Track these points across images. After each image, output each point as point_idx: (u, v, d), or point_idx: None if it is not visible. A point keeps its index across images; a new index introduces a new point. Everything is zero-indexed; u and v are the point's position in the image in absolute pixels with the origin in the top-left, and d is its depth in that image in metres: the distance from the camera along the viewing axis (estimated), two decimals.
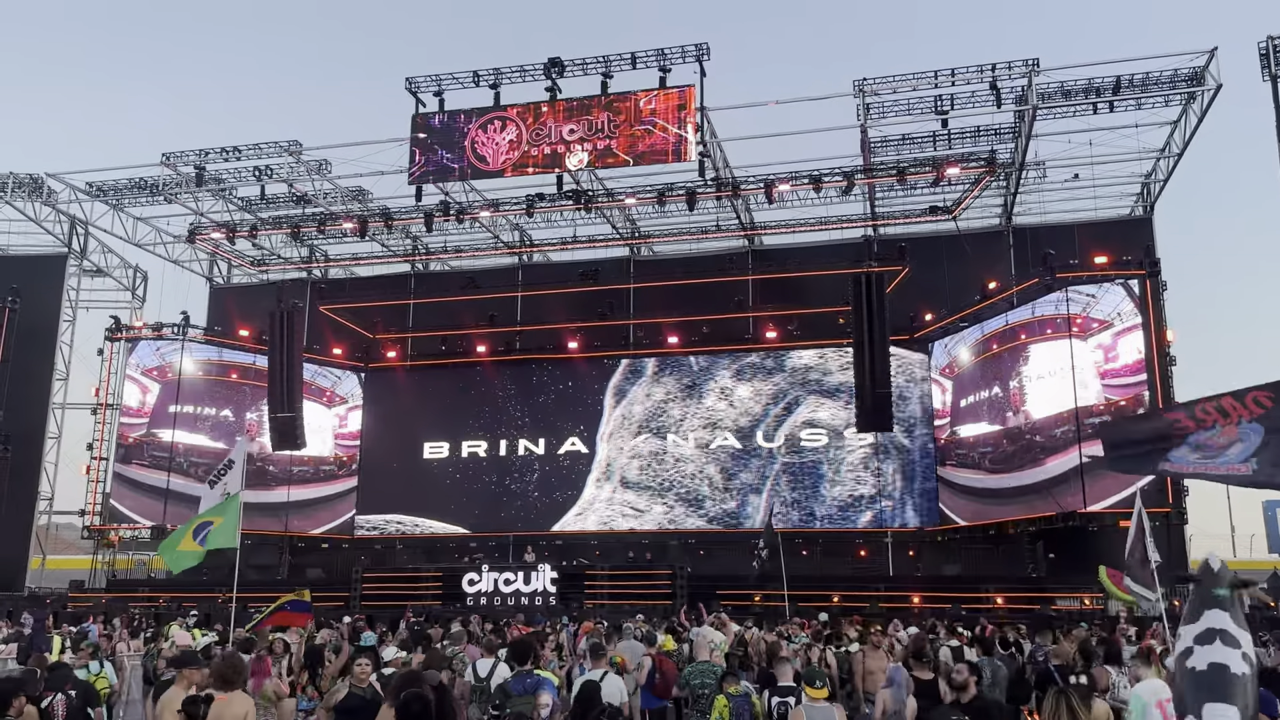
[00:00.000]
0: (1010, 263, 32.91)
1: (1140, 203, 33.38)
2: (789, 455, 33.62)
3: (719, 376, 34.90)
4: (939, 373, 32.75)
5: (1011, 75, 27.60)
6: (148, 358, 34.92)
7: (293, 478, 35.39)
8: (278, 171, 33.13)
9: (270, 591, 26.31)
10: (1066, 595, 24.48)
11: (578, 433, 35.58)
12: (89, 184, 34.90)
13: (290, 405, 31.25)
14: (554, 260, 38.38)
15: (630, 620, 16.60)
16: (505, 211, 33.23)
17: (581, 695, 7.34)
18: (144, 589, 31.68)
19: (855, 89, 28.32)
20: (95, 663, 11.60)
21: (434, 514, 36.06)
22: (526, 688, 7.79)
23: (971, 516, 30.59)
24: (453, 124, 30.79)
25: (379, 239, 36.55)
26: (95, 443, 34.80)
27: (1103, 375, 27.52)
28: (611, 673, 9.24)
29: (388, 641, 13.73)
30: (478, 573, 27.32)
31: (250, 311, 36.91)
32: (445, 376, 37.23)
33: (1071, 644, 12.50)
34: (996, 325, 30.33)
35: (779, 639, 13.78)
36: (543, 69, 29.59)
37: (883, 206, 33.51)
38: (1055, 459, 27.75)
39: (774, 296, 34.43)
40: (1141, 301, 27.24)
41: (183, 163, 33.04)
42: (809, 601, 22.69)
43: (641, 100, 29.45)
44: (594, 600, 25.92)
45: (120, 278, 41.07)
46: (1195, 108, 28.26)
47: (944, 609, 23.69)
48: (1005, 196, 33.22)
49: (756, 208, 33.44)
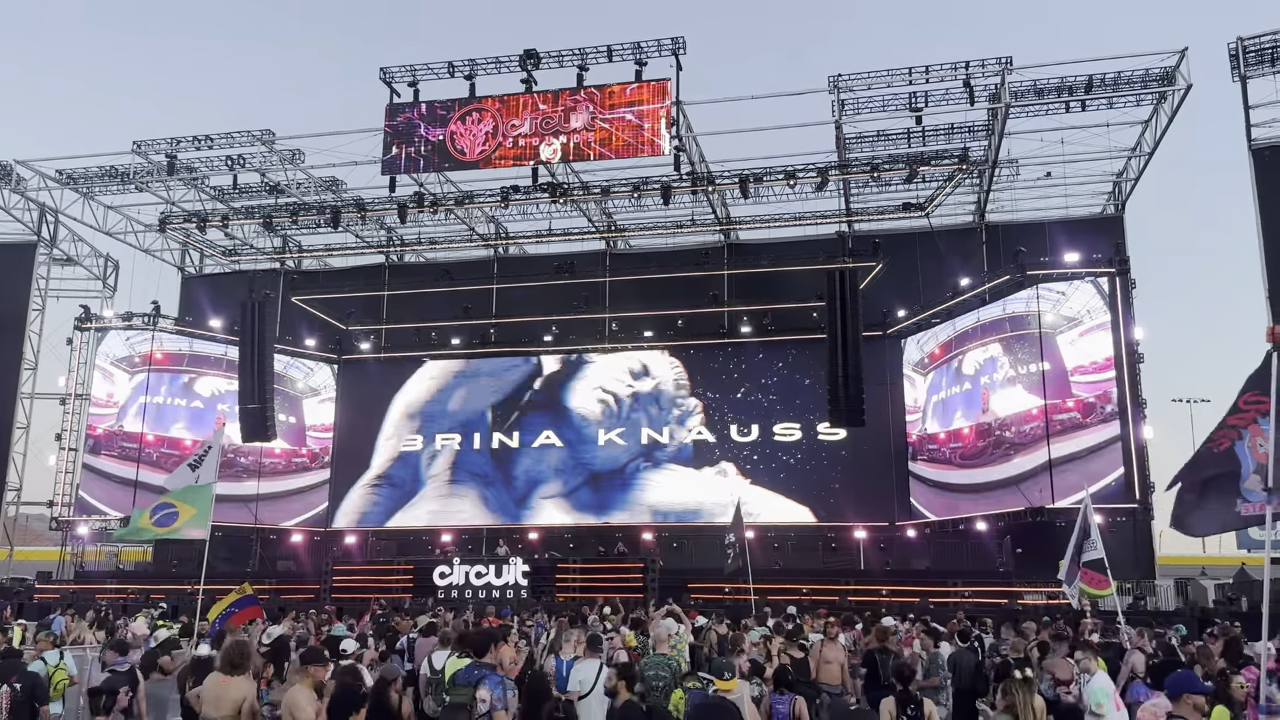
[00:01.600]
0: (983, 260, 33.14)
1: (1111, 201, 33.68)
2: (762, 449, 33.73)
3: (694, 371, 34.96)
4: (911, 368, 32.96)
5: (985, 73, 27.76)
6: (118, 348, 34.60)
7: (263, 470, 35.19)
8: (250, 161, 32.88)
9: (238, 583, 26.21)
10: (1033, 590, 24.73)
11: (553, 426, 35.57)
12: (59, 171, 34.51)
13: (261, 396, 31.11)
14: (529, 253, 38.30)
15: (595, 612, 16.61)
16: (480, 203, 33.12)
17: (532, 687, 7.33)
18: (112, 581, 31.42)
19: (830, 85, 28.40)
20: (54, 653, 11.46)
21: (406, 506, 35.95)
22: (470, 678, 7.73)
23: (941, 511, 30.85)
24: (427, 114, 30.62)
25: (352, 230, 36.33)
26: (64, 433, 34.47)
27: (1072, 372, 27.80)
28: (584, 660, 9.14)
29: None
30: (449, 565, 27.27)
31: (222, 302, 36.68)
32: (419, 368, 37.12)
33: (1024, 638, 12.67)
34: (968, 322, 30.56)
35: (738, 631, 13.86)
36: (518, 61, 29.47)
37: (857, 202, 33.64)
38: (1024, 455, 28.03)
39: (749, 291, 34.53)
40: (1111, 299, 27.52)
41: (154, 151, 32.71)
42: (779, 595, 22.79)
43: (617, 93, 29.41)
44: (565, 594, 25.93)
45: (91, 266, 40.66)
46: (1166, 107, 28.53)
47: (912, 603, 23.86)
48: (978, 194, 33.43)
49: (732, 202, 33.49)
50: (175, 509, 13.59)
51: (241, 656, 7.60)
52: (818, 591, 25.38)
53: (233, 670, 7.53)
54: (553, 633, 14.25)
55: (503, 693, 7.42)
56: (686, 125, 30.05)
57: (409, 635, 14.73)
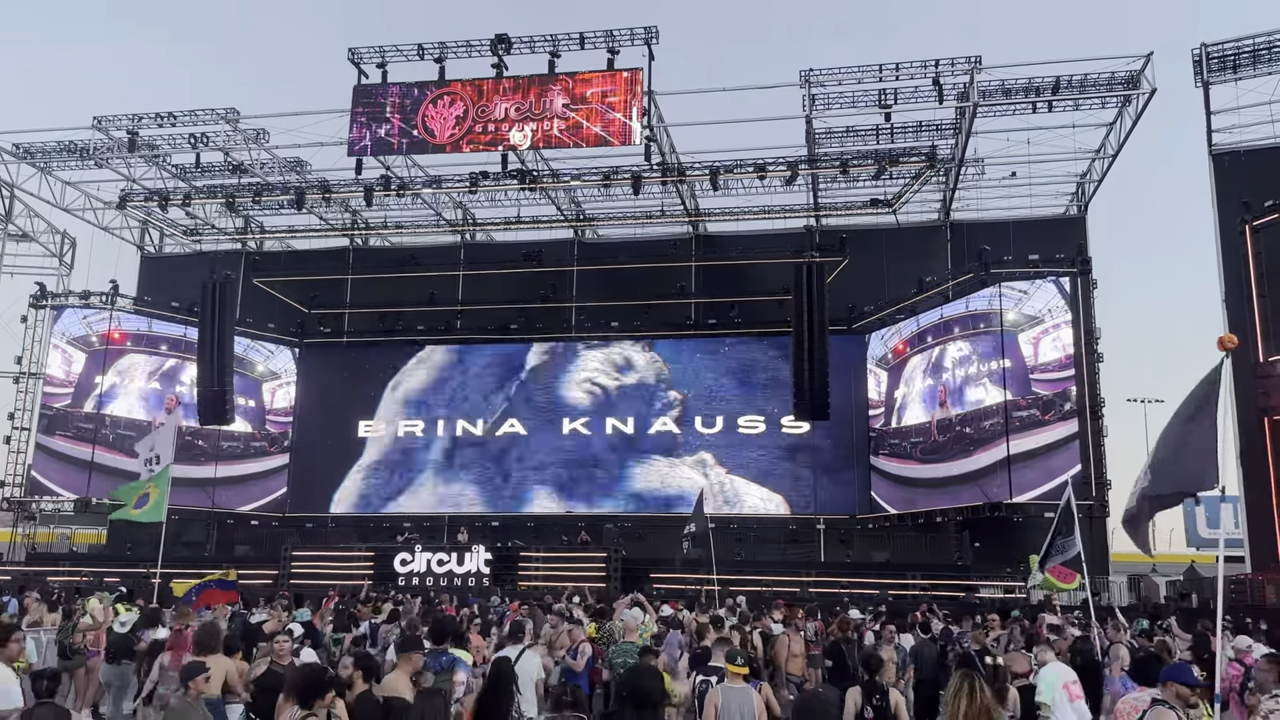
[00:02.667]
0: (947, 257, 33.49)
1: (1075, 202, 34.13)
2: (725, 441, 33.86)
3: (658, 360, 34.99)
4: (875, 363, 33.23)
5: (954, 71, 28.01)
6: (74, 326, 33.96)
7: (221, 453, 34.73)
8: (214, 139, 32.38)
9: (196, 567, 25.92)
10: (990, 584, 25.06)
11: (515, 414, 35.45)
12: (16, 145, 33.71)
13: (220, 379, 30.71)
14: (497, 240, 38.07)
15: (562, 600, 16.60)
16: (449, 188, 32.87)
17: (495, 672, 7.36)
18: (65, 563, 30.88)
19: (801, 80, 28.50)
20: None
21: (367, 493, 35.69)
22: (442, 665, 7.82)
23: (901, 505, 31.17)
24: (396, 96, 30.32)
25: (316, 212, 35.87)
26: (17, 412, 33.77)
27: (1032, 370, 28.17)
28: (530, 651, 9.28)
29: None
30: (410, 552, 27.13)
31: (182, 282, 36.04)
32: (383, 354, 36.83)
33: (987, 630, 12.83)
34: (932, 318, 30.86)
35: (714, 620, 13.91)
36: (489, 45, 29.27)
37: (825, 197, 33.79)
38: (984, 451, 28.38)
39: (716, 283, 34.62)
40: (1072, 298, 27.91)
41: (115, 127, 32.11)
42: (740, 586, 22.90)
43: (589, 81, 29.30)
44: (527, 583, 25.90)
45: (47, 243, 39.74)
46: (1130, 111, 28.95)
47: (871, 595, 24.11)
48: (944, 192, 33.74)
49: (701, 194, 33.53)
50: (148, 494, 13.58)
51: (211, 637, 7.99)
52: (779, 583, 25.52)
53: (204, 651, 7.80)
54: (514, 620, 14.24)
55: (471, 675, 7.53)
56: (658, 115, 30.03)
57: (371, 621, 14.68)
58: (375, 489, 35.70)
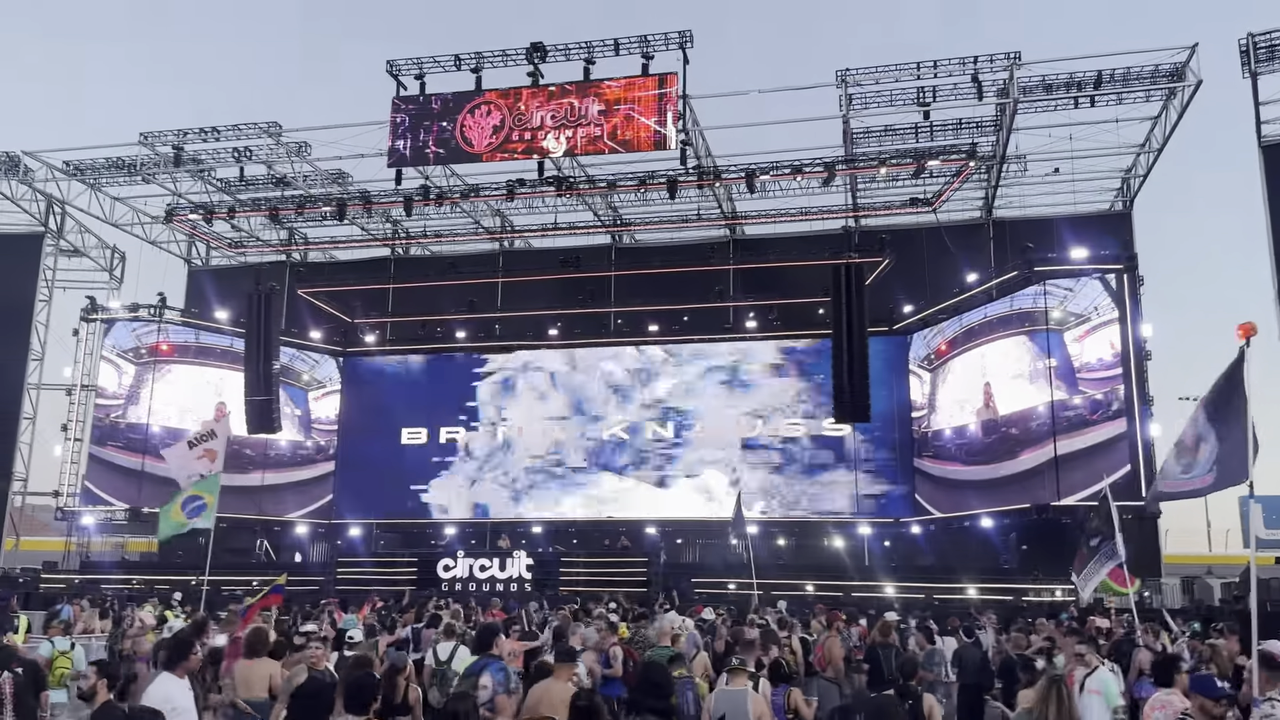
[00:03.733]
0: (990, 256, 33.04)
1: (1120, 197, 33.53)
2: (766, 445, 33.67)
3: (698, 365, 34.90)
4: (917, 365, 32.87)
5: (993, 68, 27.66)
6: (124, 339, 34.64)
7: (268, 462, 35.21)
8: (257, 153, 32.89)
9: (244, 574, 26.33)
10: (1038, 587, 24.66)
11: (557, 420, 35.52)
12: (66, 163, 34.52)
13: (267, 388, 31.14)
14: (535, 246, 38.26)
15: (600, 605, 16.61)
16: (486, 196, 33.10)
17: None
18: (117, 571, 31.49)
19: (838, 80, 28.32)
20: (64, 640, 11.47)
21: (411, 499, 35.98)
22: (475, 669, 7.90)
23: (947, 508, 30.76)
24: (434, 107, 30.60)
25: (358, 222, 36.33)
26: (70, 424, 34.51)
27: (1079, 369, 27.68)
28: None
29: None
30: (453, 558, 27.31)
31: (228, 294, 36.71)
32: (423, 361, 37.12)
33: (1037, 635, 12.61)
34: (975, 318, 30.45)
35: (747, 625, 13.83)
36: (525, 54, 29.43)
37: (864, 198, 33.54)
38: (1030, 452, 27.93)
39: (754, 286, 34.46)
40: (1119, 296, 27.36)
41: (161, 143, 32.74)
42: (782, 591, 22.77)
43: (624, 87, 29.35)
44: (569, 588, 25.94)
45: (97, 258, 40.68)
46: (1176, 103, 28.38)
47: (917, 599, 23.83)
48: (986, 189, 33.32)
49: (738, 197, 33.42)
50: (203, 500, 13.78)
51: (260, 642, 8.28)
52: (822, 587, 25.36)
53: (253, 654, 7.90)
54: (555, 624, 14.29)
55: (504, 678, 7.54)
56: (693, 119, 29.99)
57: (413, 626, 14.79)
58: (419, 495, 35.95)
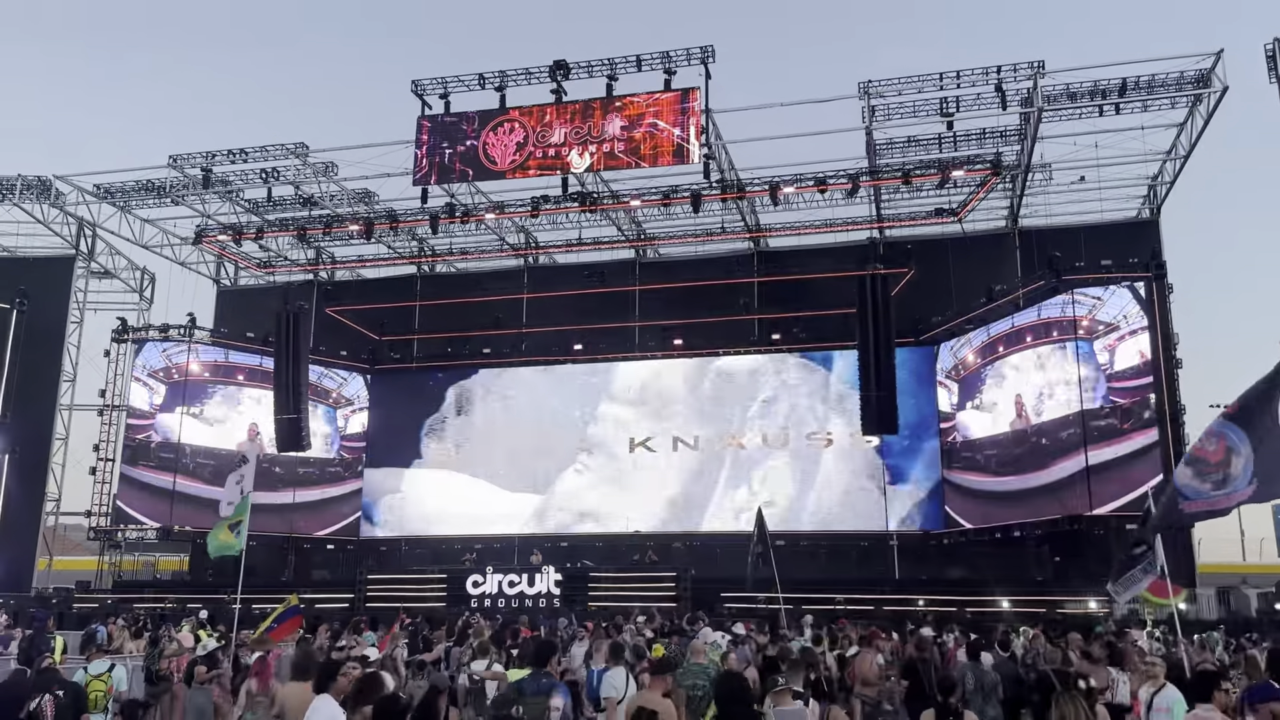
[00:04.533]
0: (1016, 265, 32.82)
1: (1146, 205, 33.26)
2: (794, 457, 33.56)
3: (725, 379, 34.86)
4: (945, 375, 32.67)
5: (1017, 77, 27.54)
6: (154, 359, 35.01)
7: (298, 479, 35.44)
8: (284, 173, 33.23)
9: (275, 592, 26.43)
10: (1073, 599, 24.37)
11: (583, 434, 35.57)
12: (96, 186, 35.04)
13: (296, 407, 31.36)
14: (559, 262, 38.39)
15: (631, 621, 16.57)
16: (511, 213, 33.27)
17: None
18: (150, 590, 31.75)
19: (860, 91, 28.28)
20: (101, 663, 11.54)
21: (439, 515, 36.09)
22: (541, 688, 7.78)
23: (978, 519, 30.50)
24: (459, 126, 30.84)
25: (385, 241, 36.62)
26: (102, 444, 34.89)
27: (1110, 378, 27.42)
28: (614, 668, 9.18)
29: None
30: (482, 575, 27.35)
31: (257, 313, 37.02)
32: (451, 378, 37.28)
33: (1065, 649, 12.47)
34: (1003, 328, 30.26)
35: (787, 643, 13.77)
36: (548, 71, 29.61)
37: (888, 209, 33.45)
38: (1061, 462, 27.66)
39: (779, 299, 34.42)
40: (1148, 304, 27.10)
41: (190, 165, 33.15)
42: (813, 605, 22.63)
43: (646, 102, 29.46)
44: (598, 603, 25.89)
45: (128, 279, 41.18)
46: (1202, 110, 28.15)
47: (949, 613, 23.60)
48: (1011, 199, 33.14)
49: (761, 210, 33.41)
50: (241, 521, 13.98)
51: (309, 661, 8.16)
52: (853, 601, 25.17)
53: (302, 676, 7.83)
54: (586, 641, 14.26)
55: (569, 700, 7.53)
56: (716, 133, 30.03)
57: (445, 645, 14.82)
58: (447, 511, 36.05)
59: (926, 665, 11.11)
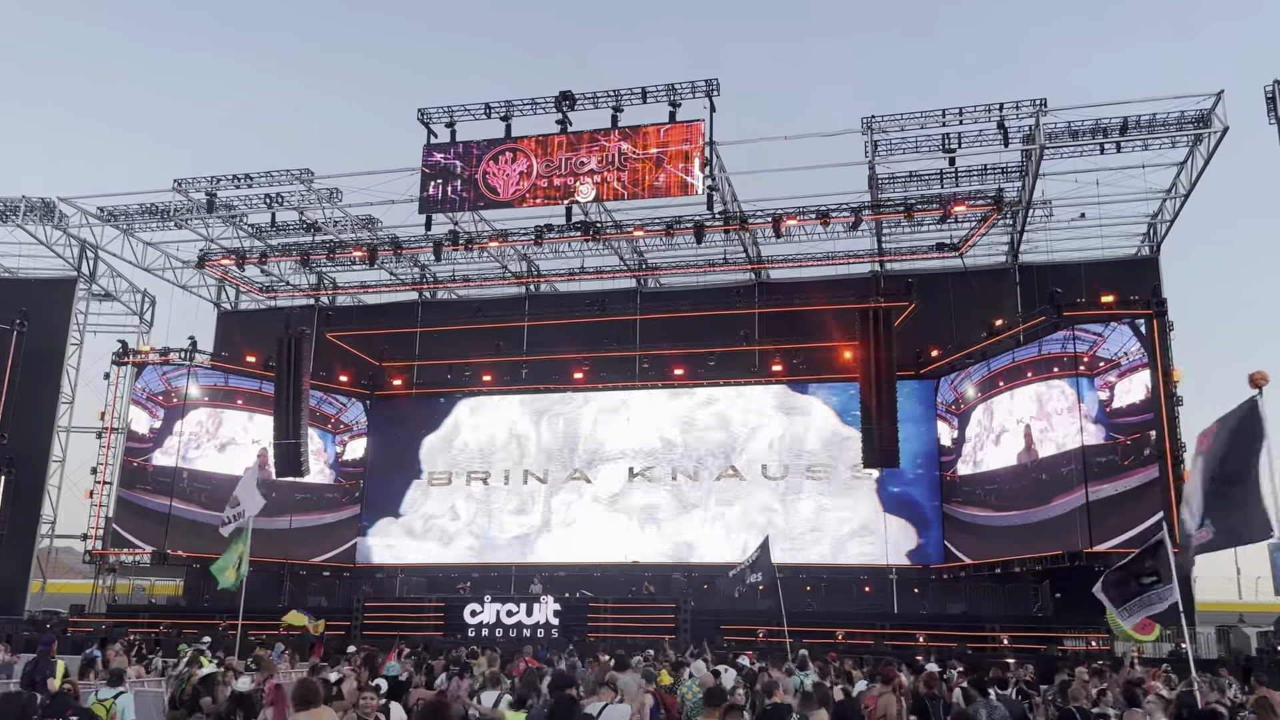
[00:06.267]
0: (1017, 300, 32.99)
1: (1146, 242, 33.47)
2: (794, 490, 33.50)
3: (724, 409, 34.86)
4: (945, 410, 32.71)
5: (1019, 115, 27.79)
6: (154, 382, 34.95)
7: (295, 505, 35.27)
8: (289, 199, 33.35)
9: (272, 619, 26.27)
10: (1073, 635, 24.29)
11: (582, 463, 35.51)
12: (100, 208, 35.10)
13: (295, 432, 31.31)
14: (561, 290, 38.49)
15: (640, 655, 16.49)
16: (514, 242, 33.38)
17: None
18: (144, 614, 31.51)
19: (864, 126, 28.52)
20: (107, 690, 11.41)
21: (437, 543, 35.93)
22: None
23: (977, 555, 30.43)
24: (464, 154, 31.00)
25: (387, 267, 36.70)
26: (99, 466, 34.73)
27: (1110, 414, 27.46)
28: (612, 704, 9.21)
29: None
30: (480, 603, 27.21)
31: (258, 337, 37.01)
32: (450, 405, 37.25)
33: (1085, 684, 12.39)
34: (1003, 362, 30.34)
35: (779, 676, 13.68)
36: (554, 102, 29.83)
37: (890, 242, 33.63)
38: (1062, 498, 27.65)
39: (780, 330, 34.50)
40: (1148, 341, 27.18)
41: (194, 189, 33.25)
42: (813, 639, 22.51)
43: (651, 134, 29.66)
44: (596, 633, 25.76)
45: (129, 302, 41.23)
46: (1202, 149, 28.41)
47: (949, 648, 23.49)
48: (1012, 234, 33.33)
49: (764, 241, 33.56)
50: (241, 551, 13.96)
51: (311, 693, 7.95)
52: (852, 635, 25.10)
53: (305, 706, 7.79)
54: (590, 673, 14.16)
55: None
56: (719, 165, 30.23)
57: (444, 674, 14.67)
58: (444, 539, 35.91)
59: (936, 702, 11.04)
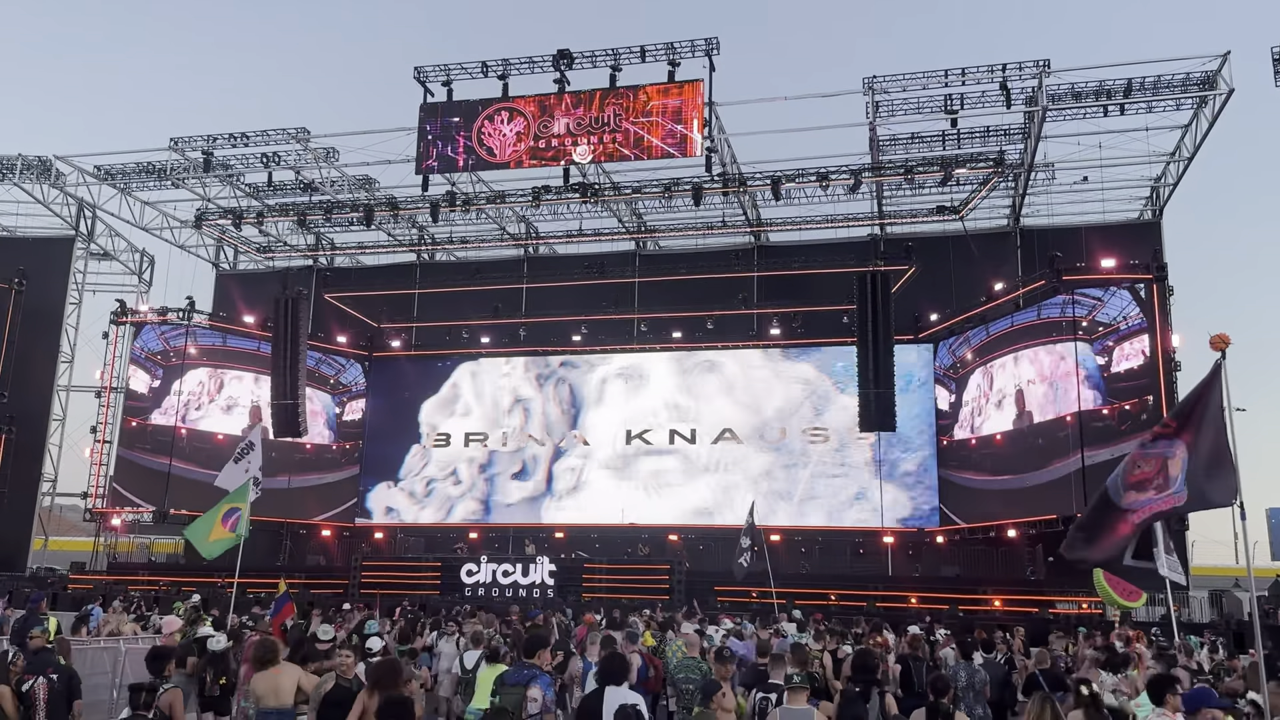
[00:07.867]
0: (1017, 264, 32.80)
1: (1149, 206, 33.20)
2: (791, 452, 33.57)
3: (722, 373, 34.85)
4: (943, 373, 32.66)
5: (1022, 76, 27.44)
6: (152, 342, 34.98)
7: (294, 465, 35.43)
8: (285, 159, 33.14)
9: (270, 578, 26.46)
10: (1065, 599, 24.40)
11: (580, 426, 35.58)
12: (97, 167, 34.95)
13: (293, 393, 31.36)
14: (560, 253, 38.34)
15: (635, 614, 16.61)
16: (511, 203, 33.19)
17: (583, 710, 7.27)
18: (144, 572, 31.77)
19: (865, 87, 28.20)
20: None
21: (434, 504, 36.12)
22: (521, 679, 7.76)
23: (972, 518, 30.51)
24: (461, 114, 30.73)
25: (385, 228, 36.56)
26: (99, 426, 34.88)
27: (1108, 379, 27.42)
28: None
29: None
30: (476, 564, 27.37)
31: (256, 298, 37.01)
32: (448, 367, 37.27)
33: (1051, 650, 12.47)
34: (1002, 327, 30.23)
35: (771, 636, 13.76)
36: (551, 61, 29.50)
37: (890, 205, 33.39)
38: (1058, 462, 27.66)
39: (778, 293, 34.39)
40: (1148, 306, 27.06)
41: (191, 148, 33.05)
42: (805, 600, 22.65)
43: (650, 94, 29.35)
44: (592, 594, 25.93)
45: (127, 261, 41.18)
46: (1206, 112, 28.07)
47: (941, 610, 23.64)
48: (1013, 198, 33.08)
49: (763, 204, 33.35)
50: (239, 510, 13.86)
51: (270, 651, 8.16)
52: (845, 597, 25.22)
53: (265, 665, 7.89)
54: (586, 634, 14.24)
55: (552, 694, 7.50)
56: (719, 126, 29.94)
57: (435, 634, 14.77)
58: (442, 500, 36.10)
59: (919, 663, 11.11)
